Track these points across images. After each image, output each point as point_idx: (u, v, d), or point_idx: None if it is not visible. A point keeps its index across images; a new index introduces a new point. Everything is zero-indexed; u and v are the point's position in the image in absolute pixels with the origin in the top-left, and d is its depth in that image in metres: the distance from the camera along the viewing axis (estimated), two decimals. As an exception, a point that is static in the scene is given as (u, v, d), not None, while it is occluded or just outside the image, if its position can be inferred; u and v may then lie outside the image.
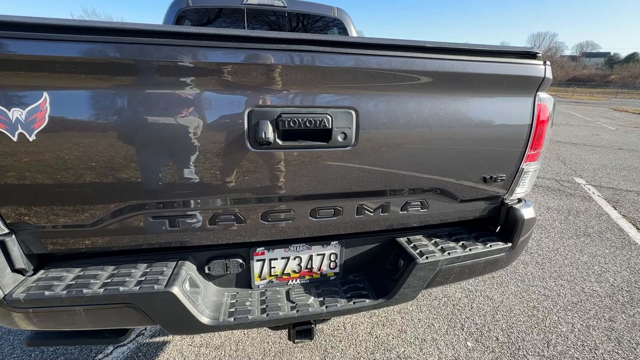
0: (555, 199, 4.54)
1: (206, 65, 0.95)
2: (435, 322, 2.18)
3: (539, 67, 1.23)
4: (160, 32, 0.92)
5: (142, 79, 0.93)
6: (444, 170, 1.26)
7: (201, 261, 1.26)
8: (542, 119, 1.30)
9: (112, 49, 0.87)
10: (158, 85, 0.93)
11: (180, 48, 0.92)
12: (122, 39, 0.87)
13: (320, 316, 1.25)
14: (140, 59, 0.90)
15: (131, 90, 0.92)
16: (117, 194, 1.00)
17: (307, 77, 1.03)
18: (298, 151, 1.06)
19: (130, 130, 0.94)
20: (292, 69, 1.00)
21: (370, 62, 1.05)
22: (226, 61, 0.95)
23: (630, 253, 3.14)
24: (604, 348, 1.99)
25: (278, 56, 0.97)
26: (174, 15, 2.80)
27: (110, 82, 0.91)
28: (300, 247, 1.34)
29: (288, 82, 1.01)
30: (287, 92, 1.02)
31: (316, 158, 1.09)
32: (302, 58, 0.99)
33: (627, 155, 7.53)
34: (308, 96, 1.04)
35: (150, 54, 0.90)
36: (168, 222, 1.09)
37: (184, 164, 1.00)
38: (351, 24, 3.26)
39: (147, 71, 0.92)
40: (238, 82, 0.98)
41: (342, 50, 1.01)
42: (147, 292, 1.03)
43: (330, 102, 1.06)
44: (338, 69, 1.03)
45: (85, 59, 0.87)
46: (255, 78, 0.99)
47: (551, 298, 2.45)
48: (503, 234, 1.49)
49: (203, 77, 0.96)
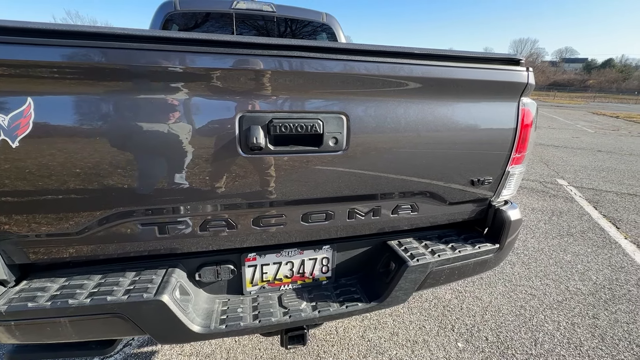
0: (540, 200, 4.67)
1: (195, 71, 0.94)
2: (427, 324, 2.20)
3: (522, 73, 1.28)
4: (148, 37, 0.91)
5: (129, 84, 0.91)
6: (433, 174, 1.29)
7: (192, 268, 1.24)
8: (526, 122, 1.34)
9: (97, 53, 0.86)
10: (146, 91, 0.92)
11: (168, 53, 0.91)
12: (108, 43, 0.86)
13: (312, 321, 1.25)
14: (127, 64, 0.89)
15: (118, 96, 0.91)
16: (103, 201, 0.98)
17: (298, 83, 1.03)
18: (289, 156, 1.06)
19: (118, 137, 0.92)
20: (282, 74, 1.00)
21: (360, 67, 1.06)
22: (216, 67, 0.95)
23: (611, 252, 3.25)
24: (589, 345, 2.05)
25: (268, 62, 0.97)
26: (161, 19, 2.77)
27: (97, 87, 0.89)
28: (292, 252, 1.34)
29: (279, 87, 1.02)
30: (278, 97, 1.02)
31: (307, 163, 1.09)
32: (292, 64, 0.99)
33: (606, 157, 7.82)
34: (299, 101, 1.05)
35: (137, 59, 0.89)
36: (157, 229, 1.07)
37: (174, 170, 0.99)
38: (340, 29, 3.29)
39: (135, 76, 0.91)
40: (228, 87, 0.98)
41: (332, 56, 1.03)
42: (136, 301, 1.01)
43: (321, 107, 1.06)
44: (328, 74, 1.04)
45: (70, 64, 0.85)
46: (245, 83, 0.99)
47: (537, 297, 2.51)
48: (491, 236, 1.52)
49: (192, 83, 0.95)
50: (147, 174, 0.97)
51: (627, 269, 2.94)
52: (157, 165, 0.98)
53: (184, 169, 0.99)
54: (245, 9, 2.92)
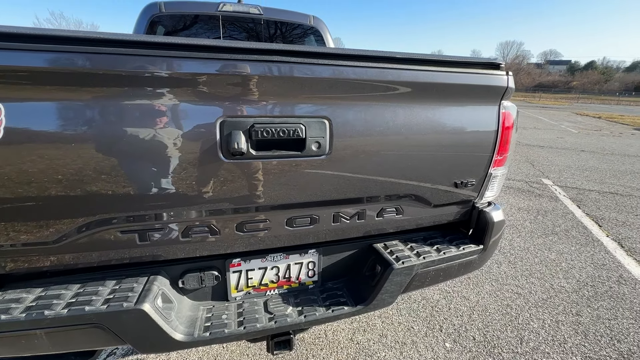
0: (525, 199, 4.76)
1: (174, 76, 0.93)
2: (415, 325, 2.22)
3: (502, 77, 1.30)
4: (123, 41, 0.89)
5: (105, 90, 0.89)
6: (417, 177, 1.30)
7: (175, 275, 1.22)
8: (507, 125, 1.36)
9: (71, 58, 0.84)
10: (123, 96, 0.91)
11: (145, 58, 0.90)
12: (81, 48, 0.84)
13: (298, 326, 1.24)
14: (102, 69, 0.87)
15: (95, 101, 0.89)
16: (81, 208, 0.95)
17: (279, 87, 1.03)
18: (272, 161, 1.06)
19: (96, 143, 0.90)
20: (263, 79, 0.99)
21: (342, 72, 1.06)
22: (195, 71, 0.94)
23: (594, 249, 3.33)
24: (572, 342, 2.09)
25: (249, 66, 0.97)
26: (145, 22, 2.73)
27: (72, 92, 0.87)
28: (278, 256, 1.33)
29: (260, 92, 1.01)
30: (260, 102, 1.02)
31: (290, 167, 1.09)
32: (273, 68, 0.99)
33: (589, 156, 8.03)
34: (281, 106, 1.04)
35: (112, 63, 0.87)
36: (138, 237, 1.05)
37: (153, 176, 0.97)
38: (327, 32, 3.30)
39: (111, 82, 0.89)
40: (209, 92, 0.97)
41: (314, 61, 1.03)
42: (116, 310, 0.98)
43: (303, 111, 1.06)
44: (309, 79, 1.04)
45: (43, 69, 0.83)
46: (226, 88, 0.98)
47: (523, 296, 2.56)
48: (475, 237, 1.54)
49: (171, 88, 0.94)
50: (126, 180, 0.95)
51: (608, 266, 3.02)
52: (136, 171, 0.96)
53: (164, 175, 0.98)
54: (232, 12, 2.90)
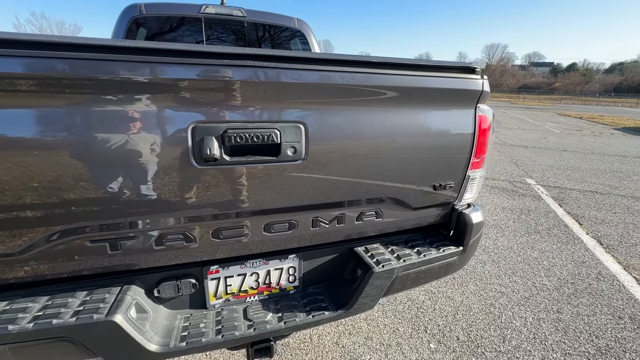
0: (509, 199, 4.85)
1: (144, 81, 0.90)
2: (400, 327, 2.22)
3: (478, 81, 1.32)
4: (89, 45, 0.86)
5: (75, 96, 0.87)
6: (396, 180, 1.30)
7: (150, 284, 1.19)
8: (483, 128, 1.38)
9: (39, 64, 0.81)
10: (93, 102, 0.88)
11: (114, 63, 0.87)
12: (47, 53, 0.82)
13: (278, 333, 1.22)
14: (69, 75, 0.84)
15: (63, 107, 0.86)
16: (48, 218, 0.92)
17: (254, 92, 1.02)
18: (247, 166, 1.04)
19: (64, 149, 0.87)
20: (236, 84, 0.98)
21: (317, 77, 1.06)
22: (166, 76, 0.92)
23: (574, 247, 3.41)
24: (553, 339, 2.14)
25: (222, 71, 0.95)
26: (125, 24, 2.68)
27: (38, 98, 0.84)
28: (257, 262, 1.31)
29: (234, 97, 1.00)
30: (233, 107, 1.00)
31: (266, 173, 1.08)
32: (246, 73, 0.98)
33: (571, 156, 8.25)
34: (255, 111, 1.03)
35: (79, 69, 0.84)
36: (109, 245, 1.02)
37: (124, 183, 0.95)
38: (312, 34, 3.30)
39: (80, 87, 0.86)
40: (180, 97, 0.95)
41: (288, 66, 1.02)
42: (85, 323, 0.95)
43: (277, 116, 1.05)
44: (284, 83, 1.03)
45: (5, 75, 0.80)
46: (197, 93, 0.96)
47: (506, 294, 2.60)
48: (455, 239, 1.55)
49: (142, 93, 0.92)
50: (96, 188, 0.93)
51: (588, 263, 3.10)
52: (106, 178, 0.93)
53: (135, 182, 0.95)
54: (215, 14, 2.87)
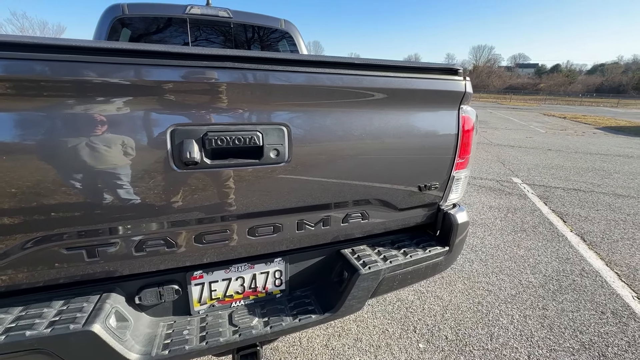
0: (496, 198, 4.93)
1: (121, 82, 0.88)
2: (390, 327, 2.23)
3: (461, 82, 1.33)
4: (66, 46, 0.84)
5: (51, 98, 0.84)
6: (381, 181, 1.30)
7: (131, 291, 1.16)
8: (467, 128, 1.40)
9: (15, 66, 0.78)
10: (71, 105, 0.85)
11: (90, 65, 0.85)
12: (20, 55, 0.79)
13: (264, 338, 1.21)
14: (46, 77, 0.81)
15: (40, 110, 0.83)
16: (21, 225, 0.88)
17: (234, 94, 1.00)
18: (229, 170, 1.03)
19: (39, 154, 0.84)
20: (216, 86, 0.96)
21: (299, 78, 1.05)
22: (143, 78, 0.90)
23: (559, 244, 3.49)
24: (539, 335, 2.17)
25: (201, 73, 0.94)
26: (107, 24, 2.62)
27: (11, 100, 0.81)
28: (242, 266, 1.29)
29: (214, 99, 0.98)
30: (213, 109, 0.99)
31: (249, 176, 1.06)
32: (227, 75, 0.96)
33: (555, 155, 8.45)
34: (236, 113, 1.02)
35: (55, 70, 0.82)
36: (86, 253, 0.99)
37: (100, 189, 0.92)
38: (299, 35, 3.29)
39: (57, 89, 0.84)
40: (158, 100, 0.93)
41: (269, 67, 1.01)
42: (61, 333, 0.92)
43: (259, 118, 1.04)
44: (266, 85, 1.02)
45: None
46: (176, 96, 0.94)
47: (494, 292, 2.63)
48: (441, 239, 1.56)
49: (119, 95, 0.89)
50: (71, 193, 0.89)
51: (572, 260, 3.17)
52: (82, 183, 0.90)
53: (112, 187, 0.92)
54: (200, 15, 2.84)
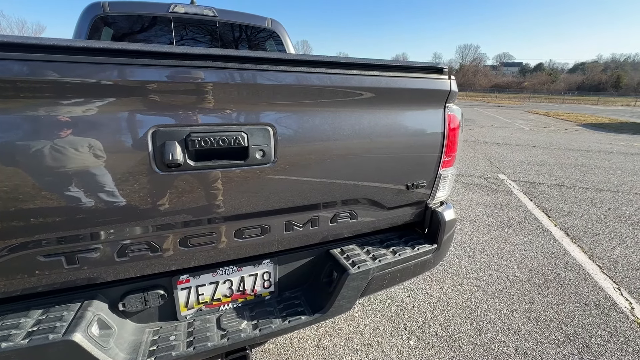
0: (484, 195, 5.02)
1: (100, 83, 0.85)
2: (380, 325, 2.24)
3: (446, 81, 1.34)
4: (47, 46, 0.80)
5: (27, 99, 0.80)
6: (368, 181, 1.30)
7: (114, 298, 1.12)
8: (452, 127, 1.41)
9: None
10: (48, 106, 0.82)
11: (69, 65, 0.81)
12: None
13: (253, 341, 1.19)
14: (23, 77, 0.78)
15: (15, 111, 0.79)
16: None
17: (218, 95, 0.98)
18: (213, 171, 1.01)
19: (14, 156, 0.80)
20: (199, 86, 0.94)
21: (284, 78, 1.04)
22: (125, 78, 0.87)
23: (544, 239, 3.57)
24: (525, 329, 2.22)
25: (183, 73, 0.91)
26: (88, 23, 2.55)
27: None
28: (230, 269, 1.27)
29: (197, 100, 0.96)
30: (196, 110, 0.96)
31: (234, 177, 1.04)
32: (210, 75, 0.94)
33: (539, 152, 8.65)
34: (220, 114, 1.00)
35: (35, 71, 0.78)
36: (65, 260, 0.96)
37: (79, 193, 0.88)
38: (286, 34, 3.27)
39: (34, 90, 0.80)
40: (139, 100, 0.90)
41: (253, 67, 0.99)
42: (40, 344, 0.88)
43: (244, 119, 1.02)
44: (250, 85, 1.00)
45: None
46: (157, 96, 0.91)
47: (482, 288, 2.67)
48: (429, 236, 1.58)
49: (99, 96, 0.86)
50: (48, 197, 0.86)
51: (556, 254, 3.25)
52: (59, 187, 0.87)
53: (91, 190, 0.89)
54: (184, 13, 2.78)
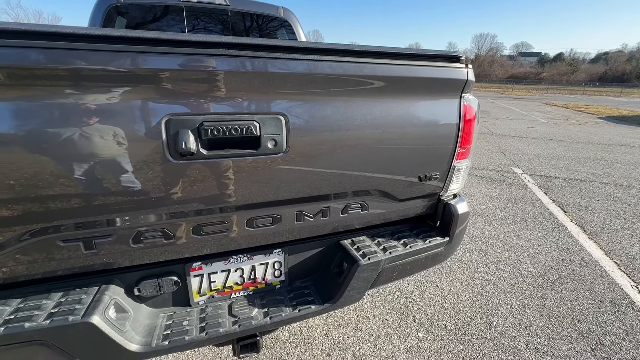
0: (497, 188, 4.92)
1: (114, 71, 0.85)
2: (389, 317, 2.24)
3: (462, 70, 1.30)
4: (62, 34, 0.81)
5: (44, 87, 0.81)
6: (380, 172, 1.28)
7: (130, 283, 1.16)
8: (468, 118, 1.37)
9: (4, 54, 0.76)
10: (65, 94, 0.83)
11: (82, 52, 0.82)
12: (16, 42, 0.76)
13: (264, 328, 1.21)
14: (40, 65, 0.79)
15: (33, 99, 0.81)
16: (18, 217, 0.87)
17: (231, 83, 0.97)
18: (226, 160, 1.01)
19: (34, 145, 0.82)
20: (212, 74, 0.94)
21: (297, 66, 1.02)
22: (137, 66, 0.87)
23: (559, 234, 3.49)
24: (537, 324, 2.19)
25: (196, 61, 0.91)
26: (102, 13, 2.56)
27: (9, 91, 0.79)
28: (241, 258, 1.29)
29: (210, 88, 0.95)
30: (209, 99, 0.96)
31: (246, 167, 1.05)
32: (223, 63, 0.93)
33: (557, 145, 8.40)
34: (233, 103, 0.99)
35: (51, 58, 0.79)
36: (83, 245, 0.98)
37: (96, 181, 0.90)
38: (298, 23, 3.23)
39: (50, 78, 0.81)
40: (153, 89, 0.91)
41: (266, 55, 0.98)
42: (60, 325, 0.92)
43: (257, 108, 1.02)
44: (263, 73, 0.99)
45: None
46: (171, 84, 0.91)
47: (493, 282, 2.64)
48: (441, 229, 1.56)
49: (112, 84, 0.87)
50: (67, 185, 0.88)
51: (572, 249, 3.18)
52: (77, 175, 0.88)
53: (107, 178, 0.91)
54: (196, 2, 2.77)
